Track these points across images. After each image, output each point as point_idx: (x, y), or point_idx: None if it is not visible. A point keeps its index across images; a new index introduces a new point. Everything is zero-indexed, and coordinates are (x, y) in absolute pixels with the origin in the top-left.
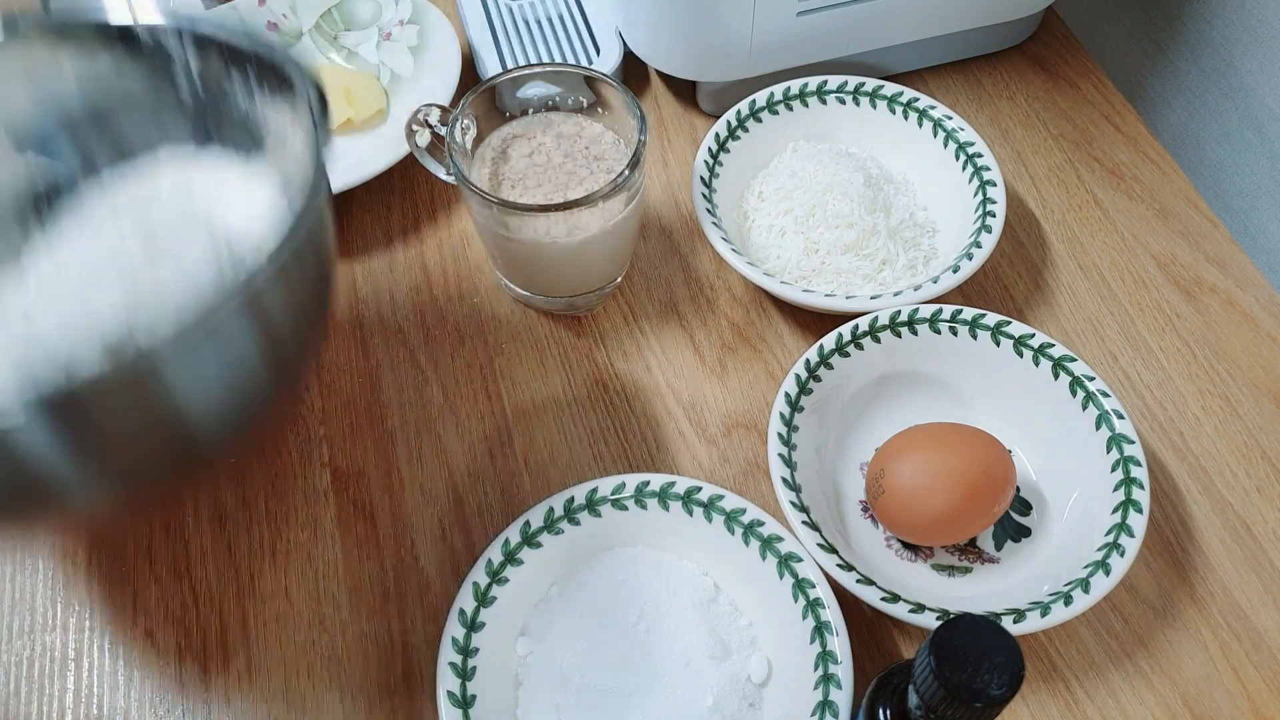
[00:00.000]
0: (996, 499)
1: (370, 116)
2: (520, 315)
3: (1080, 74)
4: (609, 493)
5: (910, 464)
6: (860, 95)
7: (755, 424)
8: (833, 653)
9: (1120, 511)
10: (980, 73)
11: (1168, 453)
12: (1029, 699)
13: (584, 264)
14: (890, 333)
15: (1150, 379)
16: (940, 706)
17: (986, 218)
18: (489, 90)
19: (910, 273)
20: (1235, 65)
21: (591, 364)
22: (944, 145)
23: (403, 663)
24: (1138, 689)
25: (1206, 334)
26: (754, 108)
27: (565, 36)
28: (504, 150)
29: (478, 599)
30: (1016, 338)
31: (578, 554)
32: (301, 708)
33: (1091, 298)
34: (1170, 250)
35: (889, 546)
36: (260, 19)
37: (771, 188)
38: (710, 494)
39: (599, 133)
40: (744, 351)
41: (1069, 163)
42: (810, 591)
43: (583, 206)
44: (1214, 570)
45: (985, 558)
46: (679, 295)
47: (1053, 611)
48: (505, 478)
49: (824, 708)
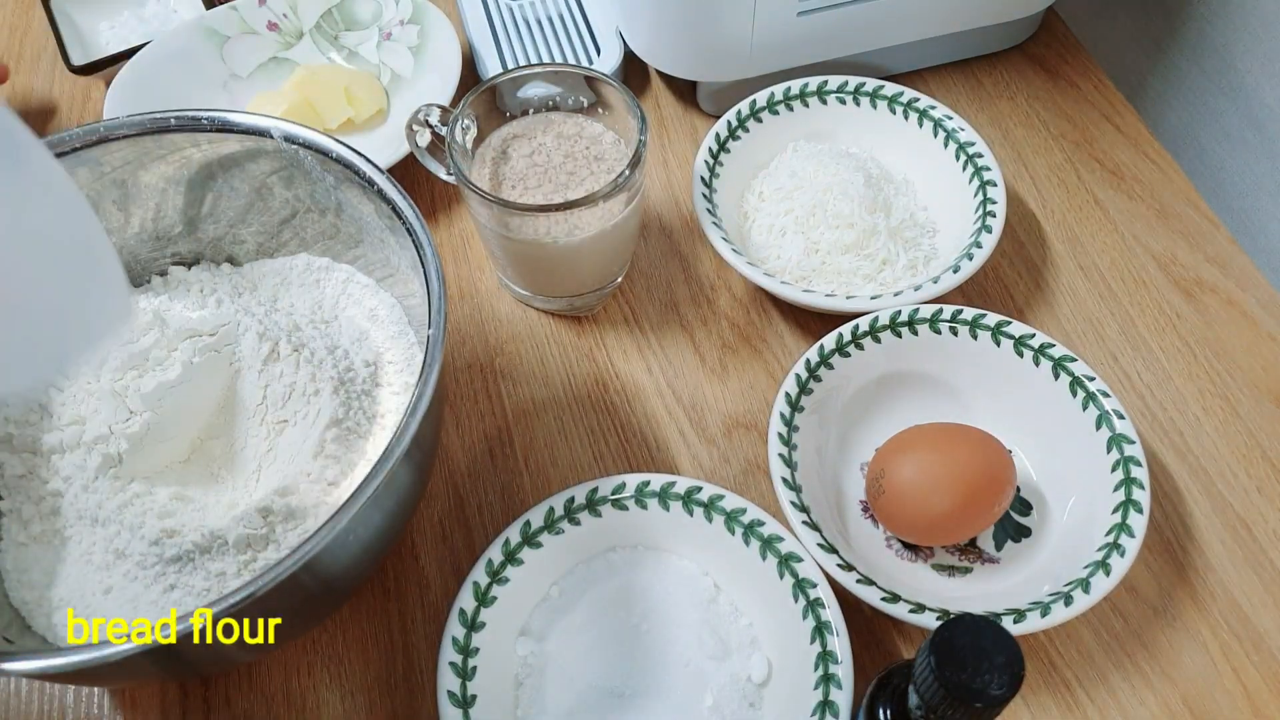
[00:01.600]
0: (996, 499)
1: (370, 116)
2: (520, 315)
3: (1080, 74)
4: (609, 493)
5: (911, 464)
6: (860, 95)
7: (755, 424)
8: (833, 653)
9: (1120, 511)
10: (980, 73)
11: (1168, 453)
12: (1029, 699)
13: (584, 264)
14: (890, 333)
15: (1150, 379)
16: (940, 706)
17: (987, 218)
18: (489, 90)
19: (910, 273)
20: (1235, 65)
21: (591, 364)
22: (944, 145)
23: (403, 663)
24: (1138, 689)
25: (1207, 334)
26: (754, 108)
27: (566, 36)
28: (504, 150)
29: (478, 599)
30: (1017, 338)
31: (578, 554)
32: (301, 707)
33: (1092, 298)
34: (1170, 250)
35: (889, 546)
36: (260, 19)
37: (772, 188)
38: (710, 494)
39: (599, 133)
40: (744, 351)
41: (1069, 163)
42: (810, 591)
43: (583, 206)
44: (1214, 570)
45: (985, 558)
46: (679, 295)
47: (1053, 611)
48: (505, 478)
49: (824, 708)
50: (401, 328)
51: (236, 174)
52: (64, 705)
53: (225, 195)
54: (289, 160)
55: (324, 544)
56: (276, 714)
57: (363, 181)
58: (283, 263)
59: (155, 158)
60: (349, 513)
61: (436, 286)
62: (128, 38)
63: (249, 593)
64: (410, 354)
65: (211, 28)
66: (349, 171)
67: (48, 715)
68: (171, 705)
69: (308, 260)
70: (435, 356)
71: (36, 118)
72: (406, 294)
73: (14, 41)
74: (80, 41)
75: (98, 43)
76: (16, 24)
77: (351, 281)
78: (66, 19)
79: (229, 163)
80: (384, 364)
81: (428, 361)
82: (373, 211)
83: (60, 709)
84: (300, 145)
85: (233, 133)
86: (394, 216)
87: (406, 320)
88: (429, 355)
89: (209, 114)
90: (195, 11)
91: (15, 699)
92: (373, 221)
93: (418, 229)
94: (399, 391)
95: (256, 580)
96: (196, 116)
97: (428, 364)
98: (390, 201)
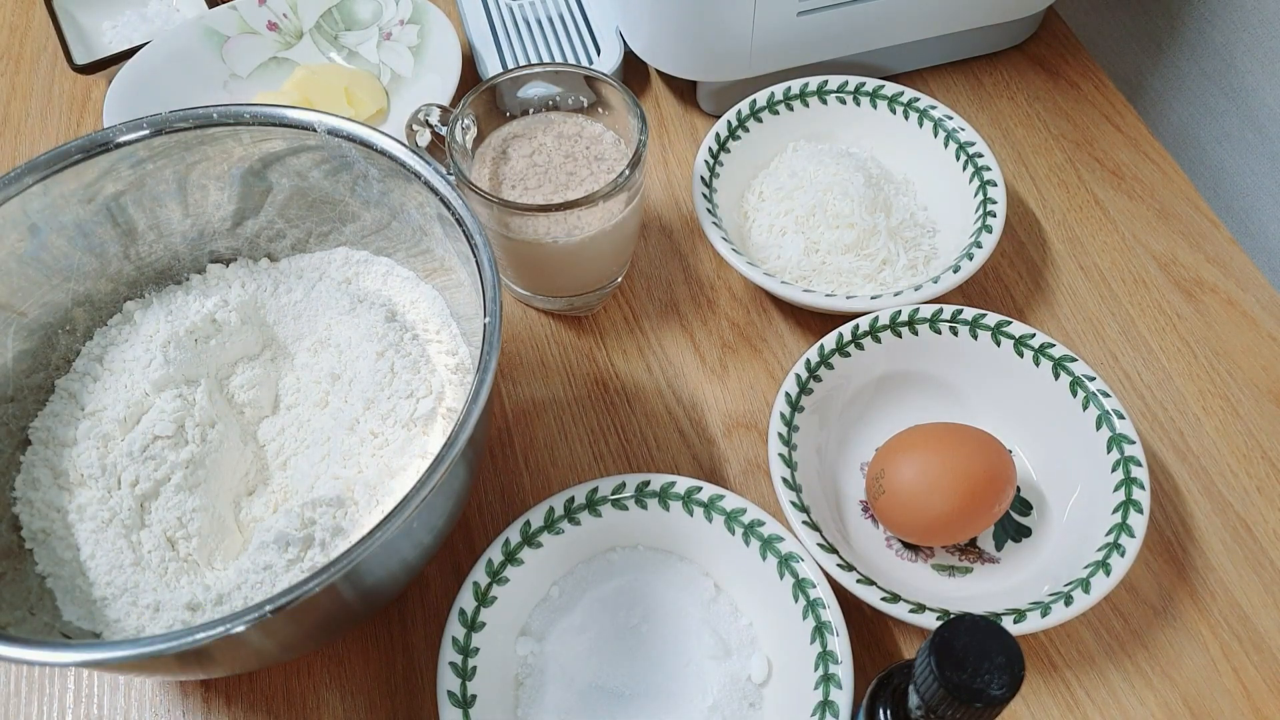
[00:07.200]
0: (997, 499)
1: (370, 116)
2: (520, 315)
3: (1081, 74)
4: (609, 493)
5: (911, 464)
6: (861, 95)
7: (755, 424)
8: (833, 653)
9: (1120, 511)
10: (981, 73)
11: (1168, 453)
12: (1029, 699)
13: (584, 264)
14: (890, 333)
15: (1151, 379)
16: (940, 707)
17: (987, 218)
18: (489, 90)
19: (910, 273)
20: (1236, 65)
21: (591, 364)
22: (944, 145)
23: (403, 663)
24: (1138, 689)
25: (1207, 334)
26: (754, 108)
27: (566, 36)
28: (504, 150)
29: (478, 599)
30: (1017, 338)
31: (578, 554)
32: (301, 707)
33: (1092, 298)
34: (1171, 250)
35: (889, 546)
36: (260, 19)
37: (772, 187)
38: (710, 494)
39: (599, 133)
40: (744, 351)
41: (1069, 163)
42: (810, 591)
43: (583, 206)
44: (1214, 570)
45: (985, 558)
46: (679, 295)
47: (1053, 611)
48: (505, 478)
49: (824, 708)
50: (445, 319)
51: (278, 169)
52: (64, 706)
53: (268, 191)
54: (332, 154)
55: (387, 538)
56: (276, 714)
57: (409, 174)
58: (321, 257)
59: (200, 155)
60: (416, 499)
61: (490, 275)
62: (130, 37)
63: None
64: (455, 345)
65: (211, 28)
66: (394, 164)
67: (47, 715)
68: (172, 705)
69: (346, 254)
70: (494, 344)
71: (36, 117)
72: (447, 285)
73: (14, 41)
74: (83, 40)
75: (100, 42)
76: (17, 23)
77: (391, 274)
78: (69, 18)
79: (271, 158)
80: (431, 354)
81: (485, 349)
82: (417, 204)
83: (60, 709)
84: (344, 139)
85: (276, 126)
86: (442, 207)
87: (449, 312)
88: (486, 342)
89: (252, 108)
90: (198, 10)
91: (15, 699)
92: (415, 214)
93: (467, 219)
94: (451, 383)
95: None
96: (239, 111)
97: (486, 351)
98: (438, 192)
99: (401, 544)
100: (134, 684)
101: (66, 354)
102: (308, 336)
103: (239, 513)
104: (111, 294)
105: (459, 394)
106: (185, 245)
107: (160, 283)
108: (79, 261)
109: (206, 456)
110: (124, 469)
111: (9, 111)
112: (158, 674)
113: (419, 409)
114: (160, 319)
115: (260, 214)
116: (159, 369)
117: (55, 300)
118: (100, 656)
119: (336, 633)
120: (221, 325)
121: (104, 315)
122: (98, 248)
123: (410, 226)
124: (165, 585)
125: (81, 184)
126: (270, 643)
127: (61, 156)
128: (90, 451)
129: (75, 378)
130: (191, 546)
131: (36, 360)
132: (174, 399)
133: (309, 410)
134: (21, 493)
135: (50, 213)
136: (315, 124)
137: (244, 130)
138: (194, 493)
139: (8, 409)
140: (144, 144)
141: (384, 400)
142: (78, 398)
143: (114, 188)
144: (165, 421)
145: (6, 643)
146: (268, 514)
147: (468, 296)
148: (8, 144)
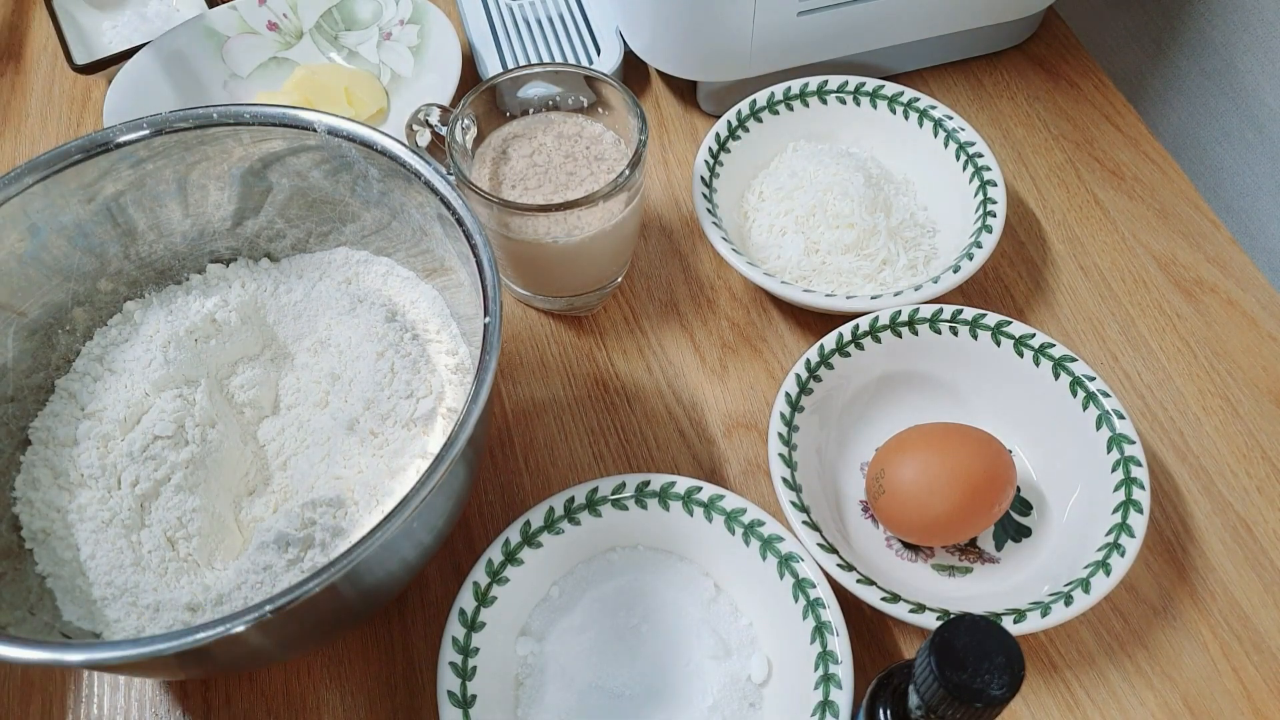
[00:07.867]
0: (996, 499)
1: (370, 116)
2: (520, 315)
3: (1081, 74)
4: (609, 493)
5: (911, 464)
6: (861, 95)
7: (755, 424)
8: (833, 653)
9: (1120, 511)
10: (981, 73)
11: (1168, 453)
12: (1029, 699)
13: (584, 264)
14: (890, 333)
15: (1150, 379)
16: (940, 707)
17: (987, 218)
18: (489, 90)
19: (910, 273)
20: (1236, 65)
21: (591, 364)
22: (944, 145)
23: (403, 663)
24: (1138, 689)
25: (1207, 334)
26: (754, 108)
27: (566, 36)
28: (504, 150)
29: (478, 599)
30: (1017, 338)
31: (578, 554)
32: (301, 708)
33: (1092, 298)
34: (1171, 250)
35: (889, 546)
36: (260, 19)
37: (772, 187)
38: (710, 494)
39: (599, 133)
40: (744, 351)
41: (1069, 163)
42: (810, 591)
43: (583, 206)
44: (1214, 570)
45: (985, 558)
46: (679, 295)
47: (1053, 611)
48: (505, 478)
49: (824, 708)
50: (445, 320)
51: (278, 169)
52: (64, 706)
53: (268, 191)
54: (332, 154)
55: (386, 538)
56: (276, 714)
57: (409, 174)
58: (321, 257)
59: (200, 155)
60: (418, 497)
61: (490, 275)
62: (130, 37)
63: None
64: (455, 345)
65: (211, 28)
66: (394, 164)
67: (47, 715)
68: (172, 705)
69: (347, 254)
70: (494, 344)
71: (36, 117)
72: (447, 285)
73: (14, 40)
74: (83, 40)
75: (100, 42)
76: (17, 23)
77: (391, 274)
78: (69, 18)
79: (271, 158)
80: (431, 354)
81: (485, 349)
82: (417, 204)
83: (60, 709)
84: (344, 139)
85: (276, 126)
86: (442, 207)
87: (449, 312)
88: (486, 342)
89: (252, 108)
90: (198, 10)
91: (15, 699)
92: (415, 214)
93: (467, 219)
94: (451, 383)
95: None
96: (239, 112)
97: (486, 351)
98: (438, 192)
99: (401, 544)
100: (134, 684)
101: (66, 354)
102: (308, 336)
103: (239, 513)
104: (111, 294)
105: (459, 394)
106: (185, 245)
107: (160, 283)
108: (79, 261)
109: (206, 457)
110: (124, 469)
111: (9, 111)
112: (158, 674)
113: (419, 409)
114: (160, 319)
115: (260, 214)
116: (159, 369)
117: (55, 300)
118: (100, 656)
119: (336, 633)
120: (221, 325)
121: (104, 315)
122: (98, 248)
123: (410, 226)
124: (165, 585)
125: (81, 184)
126: (270, 643)
127: (61, 156)
128: (90, 451)
129: (75, 378)
130: (191, 547)
131: (36, 360)
132: (174, 399)
133: (309, 410)
134: (21, 493)
135: (50, 213)
136: (315, 124)
137: (244, 130)
138: (194, 493)
139: (8, 409)
140: (144, 144)
141: (384, 400)
142: (78, 398)
143: (114, 188)
144: (165, 421)
145: (6, 643)
146: (268, 514)
147: (468, 296)
148: (8, 144)
